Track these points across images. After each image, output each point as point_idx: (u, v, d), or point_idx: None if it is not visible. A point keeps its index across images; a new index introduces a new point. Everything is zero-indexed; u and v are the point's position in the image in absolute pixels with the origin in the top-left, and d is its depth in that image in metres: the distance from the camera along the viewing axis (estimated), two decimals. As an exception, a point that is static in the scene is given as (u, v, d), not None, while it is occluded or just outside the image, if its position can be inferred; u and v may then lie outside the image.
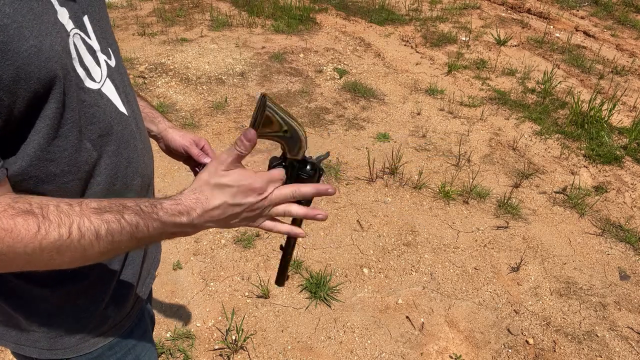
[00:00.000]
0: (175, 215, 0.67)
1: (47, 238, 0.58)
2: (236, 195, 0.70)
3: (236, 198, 0.70)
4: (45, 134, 0.65)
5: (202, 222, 0.69)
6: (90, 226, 0.61)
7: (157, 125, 1.08)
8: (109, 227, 0.62)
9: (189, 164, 1.12)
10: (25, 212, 0.58)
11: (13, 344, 0.85)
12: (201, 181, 0.71)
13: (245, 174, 0.71)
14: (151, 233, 0.66)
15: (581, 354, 2.12)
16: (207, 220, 0.70)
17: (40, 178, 0.67)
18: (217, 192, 0.70)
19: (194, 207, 0.68)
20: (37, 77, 0.60)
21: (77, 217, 0.61)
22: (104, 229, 0.62)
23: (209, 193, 0.69)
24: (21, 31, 0.58)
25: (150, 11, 5.54)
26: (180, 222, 0.67)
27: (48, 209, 0.59)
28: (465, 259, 2.56)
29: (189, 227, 0.69)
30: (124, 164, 0.80)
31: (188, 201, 0.68)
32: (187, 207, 0.68)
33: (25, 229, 0.57)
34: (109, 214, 0.63)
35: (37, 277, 0.75)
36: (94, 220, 0.61)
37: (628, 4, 6.23)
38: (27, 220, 0.57)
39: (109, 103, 0.76)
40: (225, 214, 0.70)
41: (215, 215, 0.70)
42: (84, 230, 0.60)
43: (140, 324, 0.98)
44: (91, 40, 0.74)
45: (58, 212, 0.60)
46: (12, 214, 0.57)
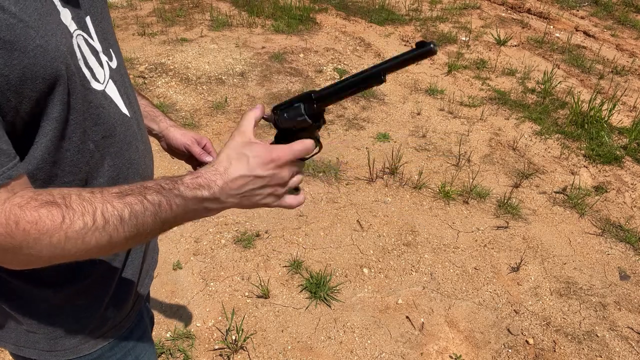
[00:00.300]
0: (197, 189, 0.66)
1: (72, 227, 0.58)
2: (254, 167, 0.68)
3: (255, 170, 0.68)
4: (52, 136, 0.65)
5: (225, 196, 0.68)
6: (114, 211, 0.61)
7: (158, 124, 1.08)
8: (132, 209, 0.62)
9: (190, 163, 1.12)
10: (48, 203, 0.58)
11: (13, 345, 0.85)
12: (221, 153, 0.70)
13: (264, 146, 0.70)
14: (175, 211, 0.65)
15: (581, 354, 2.12)
16: (230, 194, 0.68)
17: (44, 180, 0.68)
18: (236, 163, 0.69)
19: (214, 178, 0.67)
20: (42, 77, 0.60)
21: (99, 203, 0.60)
22: (127, 212, 0.61)
23: (226, 164, 0.69)
24: (27, 31, 0.58)
25: (150, 11, 5.55)
26: (202, 195, 0.66)
27: (70, 198, 0.59)
28: (465, 259, 2.56)
29: (212, 202, 0.68)
30: (126, 165, 0.80)
31: (208, 174, 0.67)
32: (207, 179, 0.67)
33: (50, 219, 0.57)
34: (131, 196, 0.62)
35: (37, 278, 0.75)
36: (117, 204, 0.61)
37: (628, 4, 6.23)
38: (51, 210, 0.57)
39: (112, 104, 0.76)
40: (247, 187, 0.69)
41: (236, 187, 0.68)
42: (107, 216, 0.60)
43: (139, 325, 0.98)
44: (93, 41, 0.74)
45: (80, 200, 0.60)
46: (35, 205, 0.57)
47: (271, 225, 2.70)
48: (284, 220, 2.73)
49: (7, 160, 0.58)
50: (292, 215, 2.77)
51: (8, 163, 0.58)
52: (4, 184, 0.57)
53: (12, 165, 0.59)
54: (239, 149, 0.70)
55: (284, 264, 2.47)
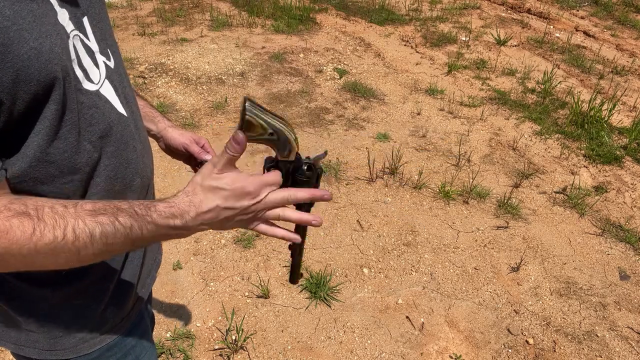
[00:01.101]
0: (169, 218, 0.67)
1: (42, 240, 0.59)
2: (229, 198, 0.70)
3: (229, 201, 0.70)
4: (45, 135, 0.65)
5: (196, 224, 0.69)
6: (85, 228, 0.61)
7: (156, 125, 1.08)
8: (103, 229, 0.62)
9: (189, 163, 1.12)
10: (20, 213, 0.58)
11: (13, 344, 0.85)
12: (195, 184, 0.70)
13: (238, 177, 0.71)
14: (145, 235, 0.66)
15: (581, 354, 2.12)
16: (201, 222, 0.70)
17: (39, 179, 0.68)
18: (210, 195, 0.69)
19: (188, 210, 0.68)
20: (37, 79, 0.60)
21: (71, 218, 0.61)
22: (98, 231, 0.62)
23: (202, 196, 0.69)
24: (21, 34, 0.58)
25: (150, 11, 5.55)
26: (174, 224, 0.68)
27: (43, 211, 0.60)
28: (465, 259, 2.56)
29: (182, 230, 0.69)
30: (124, 165, 0.80)
31: (182, 204, 0.68)
32: (181, 210, 0.68)
33: (21, 230, 0.58)
34: (103, 216, 0.63)
35: (37, 278, 0.75)
36: (89, 222, 0.62)
37: (628, 4, 6.23)
38: (23, 222, 0.58)
39: (107, 104, 0.76)
40: (219, 217, 0.70)
41: (208, 217, 0.70)
42: (78, 232, 0.61)
43: (140, 325, 0.98)
44: (90, 41, 0.74)
45: (53, 213, 0.60)
46: (7, 215, 0.58)
47: (271, 225, 2.70)
48: (284, 220, 2.73)
49: None
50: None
51: None
52: None
53: None
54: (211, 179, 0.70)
55: (284, 264, 2.47)
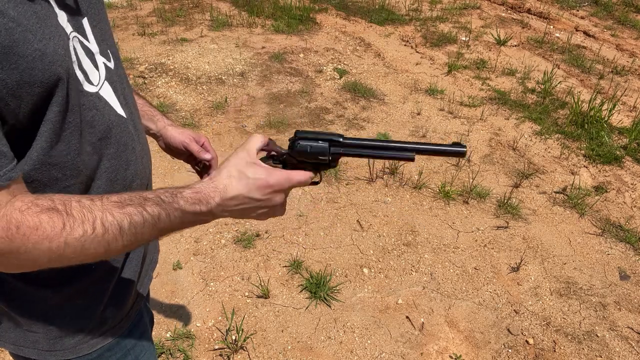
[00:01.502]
0: (195, 204, 0.68)
1: (72, 234, 0.59)
2: (252, 189, 0.70)
3: (252, 192, 0.71)
4: (48, 138, 0.65)
5: (220, 211, 0.70)
6: (114, 220, 0.61)
7: (156, 124, 1.07)
8: (131, 220, 0.63)
9: (189, 162, 1.11)
10: (49, 209, 0.59)
11: (12, 345, 0.85)
12: (221, 169, 0.72)
13: (267, 170, 0.72)
14: (172, 222, 0.67)
15: (581, 354, 2.12)
16: (225, 209, 0.70)
17: (42, 182, 0.68)
18: (235, 182, 0.70)
19: (213, 195, 0.69)
20: (40, 80, 0.60)
21: (99, 212, 0.61)
22: (126, 223, 0.62)
23: (227, 181, 0.70)
24: (26, 35, 0.58)
25: (150, 11, 5.54)
26: (200, 210, 0.68)
27: (71, 205, 0.60)
28: (465, 259, 2.56)
29: (207, 216, 0.70)
30: (123, 167, 0.80)
31: (207, 189, 0.69)
32: (206, 195, 0.69)
33: (51, 226, 0.58)
34: (131, 206, 0.63)
35: (37, 278, 0.75)
36: (117, 214, 0.62)
37: (628, 4, 6.23)
38: (52, 217, 0.58)
39: (107, 106, 0.76)
40: (242, 206, 0.71)
41: (232, 205, 0.70)
42: (107, 225, 0.61)
43: (139, 325, 0.98)
44: (89, 43, 0.74)
45: (81, 207, 0.60)
46: (36, 211, 0.58)
47: (271, 225, 2.70)
48: (284, 220, 2.73)
49: (7, 162, 0.59)
50: (292, 215, 2.77)
51: (8, 165, 0.59)
52: (5, 185, 0.58)
53: (11, 167, 0.59)
54: (241, 167, 0.71)
55: (284, 264, 2.47)
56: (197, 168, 1.10)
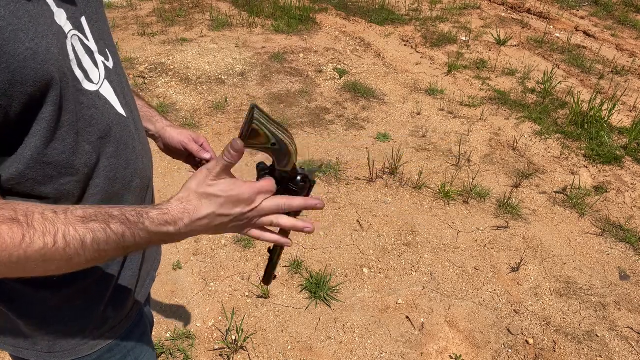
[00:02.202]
0: (162, 225, 0.66)
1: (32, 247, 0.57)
2: (224, 205, 0.69)
3: (223, 208, 0.69)
4: (42, 137, 0.64)
5: (189, 230, 0.69)
6: (76, 235, 0.60)
7: (154, 124, 1.07)
8: (94, 236, 0.61)
9: (189, 162, 1.11)
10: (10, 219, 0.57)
11: (11, 347, 0.85)
12: (189, 190, 0.70)
13: (234, 184, 0.70)
14: (138, 242, 0.65)
15: (581, 354, 2.12)
16: (194, 229, 0.69)
17: (37, 180, 0.67)
18: (205, 202, 0.69)
19: (181, 217, 0.67)
20: (33, 80, 0.60)
21: (62, 225, 0.60)
22: (89, 238, 0.61)
23: (196, 203, 0.69)
24: (17, 34, 0.57)
25: (150, 11, 5.54)
26: (167, 231, 0.67)
27: (33, 217, 0.59)
28: (465, 259, 2.56)
29: (175, 236, 0.69)
30: (123, 166, 0.80)
31: (175, 211, 0.67)
32: (174, 217, 0.67)
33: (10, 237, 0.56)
34: (95, 222, 0.62)
35: (36, 280, 0.75)
36: (79, 229, 0.60)
37: (628, 4, 6.23)
38: (12, 228, 0.57)
39: (107, 105, 0.75)
40: (213, 224, 0.70)
41: (203, 224, 0.69)
42: (69, 239, 0.60)
43: (139, 326, 0.97)
44: (89, 41, 0.74)
45: (43, 219, 0.59)
46: None
47: (271, 225, 2.70)
48: (284, 220, 2.73)
49: None
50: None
51: None
52: None
53: None
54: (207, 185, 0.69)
55: (284, 264, 2.47)
56: (197, 167, 1.10)
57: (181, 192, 0.70)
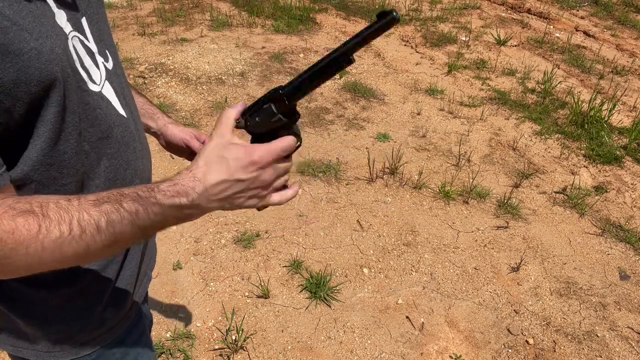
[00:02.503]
0: (174, 197, 0.63)
1: (49, 236, 0.57)
2: (235, 170, 0.65)
3: (236, 173, 0.65)
4: (47, 138, 0.64)
5: (205, 202, 0.65)
6: (90, 219, 0.59)
7: (156, 122, 1.06)
8: (108, 218, 0.60)
9: (191, 159, 1.11)
10: (25, 212, 0.57)
11: (11, 346, 0.85)
12: (198, 157, 0.67)
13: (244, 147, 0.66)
14: (153, 219, 0.62)
15: (581, 354, 2.12)
16: (210, 199, 0.65)
17: (41, 182, 0.67)
18: (214, 166, 0.65)
19: (193, 185, 0.63)
20: (37, 79, 0.60)
21: (76, 212, 0.59)
22: (104, 221, 0.60)
23: (205, 169, 0.65)
24: (21, 34, 0.57)
25: (150, 11, 5.54)
26: (180, 203, 0.63)
27: (48, 207, 0.58)
28: (465, 259, 2.56)
29: (192, 209, 0.64)
30: (123, 167, 0.80)
31: (185, 180, 0.64)
32: (185, 186, 0.63)
33: (27, 229, 0.56)
34: (107, 204, 0.60)
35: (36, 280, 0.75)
36: (93, 213, 0.59)
37: (628, 4, 6.23)
38: (28, 220, 0.56)
39: (109, 106, 0.75)
40: (228, 192, 0.65)
41: (216, 192, 0.65)
42: (84, 224, 0.59)
43: (137, 325, 0.97)
44: (89, 42, 0.74)
45: (57, 208, 0.58)
46: (12, 214, 0.56)
47: (271, 225, 2.70)
48: (284, 220, 2.73)
49: None
50: (292, 215, 2.77)
51: None
52: None
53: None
54: (217, 151, 0.66)
55: (284, 264, 2.47)
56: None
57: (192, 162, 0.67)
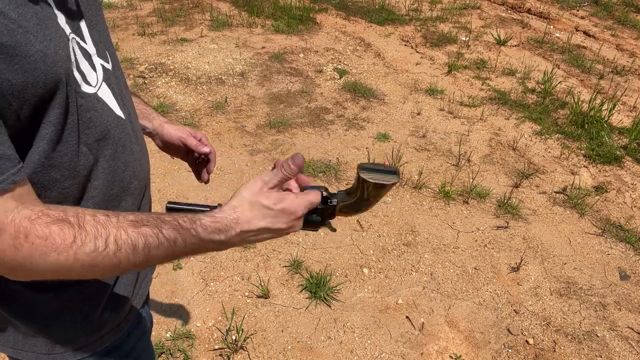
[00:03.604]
0: (214, 233, 0.66)
1: (83, 249, 0.57)
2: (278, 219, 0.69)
3: (277, 223, 0.69)
4: (50, 139, 0.64)
5: (239, 241, 0.69)
6: (128, 239, 0.60)
7: (151, 122, 1.06)
8: (146, 240, 0.61)
9: (187, 159, 1.10)
10: (60, 220, 0.57)
11: (10, 349, 0.85)
12: (243, 199, 0.69)
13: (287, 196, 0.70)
14: (188, 249, 0.65)
15: (581, 354, 2.12)
16: (244, 239, 0.69)
17: (43, 185, 0.67)
18: (257, 213, 0.68)
19: (233, 226, 0.67)
20: (43, 81, 0.60)
21: (114, 228, 0.59)
22: (141, 243, 0.61)
23: (249, 214, 0.68)
24: (27, 36, 0.58)
25: (150, 11, 5.54)
26: (218, 239, 0.67)
27: (85, 219, 0.58)
28: (465, 259, 2.56)
29: (224, 245, 0.68)
30: (121, 168, 0.80)
31: (227, 220, 0.67)
32: (227, 225, 0.67)
33: (61, 238, 0.56)
34: (147, 227, 0.62)
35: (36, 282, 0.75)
36: (131, 233, 0.60)
37: (628, 4, 6.23)
38: (63, 229, 0.56)
39: (105, 107, 0.75)
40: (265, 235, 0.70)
41: (251, 235, 0.69)
42: (120, 243, 0.59)
43: (138, 327, 0.97)
44: (87, 44, 0.74)
45: (95, 222, 0.59)
46: (47, 221, 0.56)
47: (271, 225, 2.70)
48: (284, 220, 2.73)
49: (10, 165, 0.57)
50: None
51: (12, 168, 0.57)
52: (7, 189, 0.56)
53: (15, 170, 0.58)
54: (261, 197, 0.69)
55: (284, 264, 2.47)
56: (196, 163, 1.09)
57: (234, 199, 0.70)
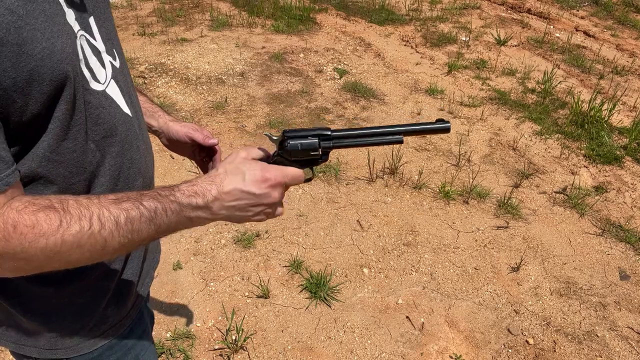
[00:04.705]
0: (192, 196, 0.69)
1: (69, 231, 0.59)
2: (249, 183, 0.71)
3: (249, 186, 0.71)
4: (55, 135, 0.65)
5: (217, 207, 0.70)
6: (110, 216, 0.62)
7: (157, 120, 1.06)
8: (128, 214, 0.63)
9: (194, 157, 1.09)
10: (46, 207, 0.59)
11: (13, 343, 0.85)
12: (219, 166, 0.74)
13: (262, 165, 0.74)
14: (169, 217, 0.67)
15: (581, 354, 2.12)
16: (222, 205, 0.71)
17: (49, 179, 0.68)
18: (231, 176, 0.71)
19: (209, 188, 0.70)
20: (49, 78, 0.61)
21: (96, 208, 0.61)
22: (123, 217, 0.63)
23: (223, 176, 0.72)
24: (34, 33, 0.58)
25: (150, 11, 5.54)
26: (196, 203, 0.69)
27: (68, 203, 0.60)
28: (465, 259, 2.56)
29: (204, 211, 0.70)
30: (127, 165, 0.80)
31: (204, 183, 0.70)
32: (203, 188, 0.70)
33: (48, 223, 0.58)
34: (128, 202, 0.64)
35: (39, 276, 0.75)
36: (113, 209, 0.62)
37: (628, 4, 6.23)
38: (49, 214, 0.58)
39: (113, 104, 0.76)
40: (240, 202, 0.72)
41: (229, 199, 0.71)
42: (103, 220, 0.61)
43: (139, 324, 0.98)
44: (96, 41, 0.74)
45: (77, 205, 0.61)
46: (33, 210, 0.58)
47: (271, 225, 2.70)
48: (284, 220, 2.73)
49: (5, 167, 0.59)
50: (292, 215, 2.77)
51: (6, 170, 0.59)
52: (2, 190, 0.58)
53: (9, 172, 0.59)
54: (236, 163, 0.73)
55: (284, 264, 2.47)
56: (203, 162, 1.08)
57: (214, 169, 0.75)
